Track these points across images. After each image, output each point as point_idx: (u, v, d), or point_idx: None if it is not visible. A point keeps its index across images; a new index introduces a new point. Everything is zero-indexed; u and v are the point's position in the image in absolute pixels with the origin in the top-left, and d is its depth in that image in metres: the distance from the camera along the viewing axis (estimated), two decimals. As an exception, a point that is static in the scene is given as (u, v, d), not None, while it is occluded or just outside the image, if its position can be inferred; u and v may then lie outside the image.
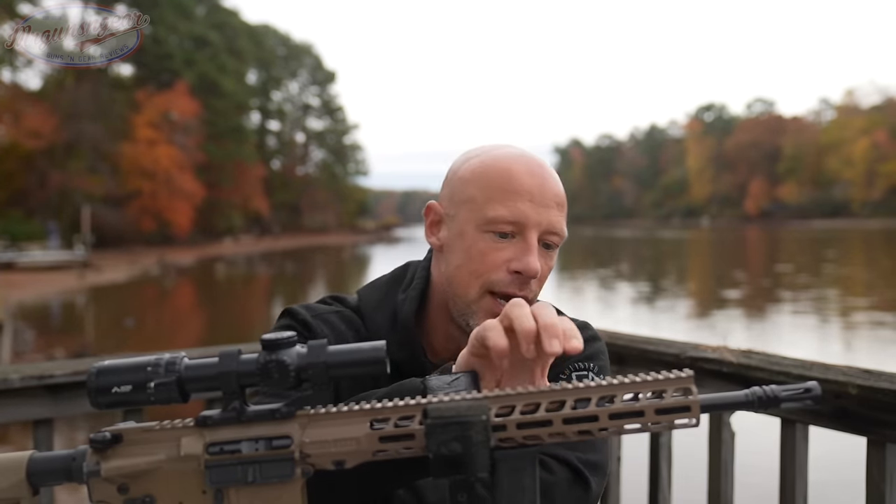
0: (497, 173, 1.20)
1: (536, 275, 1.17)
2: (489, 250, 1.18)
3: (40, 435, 2.05)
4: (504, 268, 1.17)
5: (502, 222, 1.17)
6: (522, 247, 1.17)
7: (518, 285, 1.17)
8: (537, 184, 1.19)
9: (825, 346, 12.73)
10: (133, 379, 0.83)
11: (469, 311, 1.19)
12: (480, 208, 1.19)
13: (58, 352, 13.70)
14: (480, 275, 1.18)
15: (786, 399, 0.83)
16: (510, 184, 1.18)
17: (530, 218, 1.17)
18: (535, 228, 1.18)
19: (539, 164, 1.22)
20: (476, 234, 1.19)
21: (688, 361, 1.93)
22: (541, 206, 1.18)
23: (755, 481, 2.83)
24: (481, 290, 1.18)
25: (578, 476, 1.13)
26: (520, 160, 1.22)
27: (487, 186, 1.19)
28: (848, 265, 34.51)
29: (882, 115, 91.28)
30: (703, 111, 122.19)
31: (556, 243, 1.22)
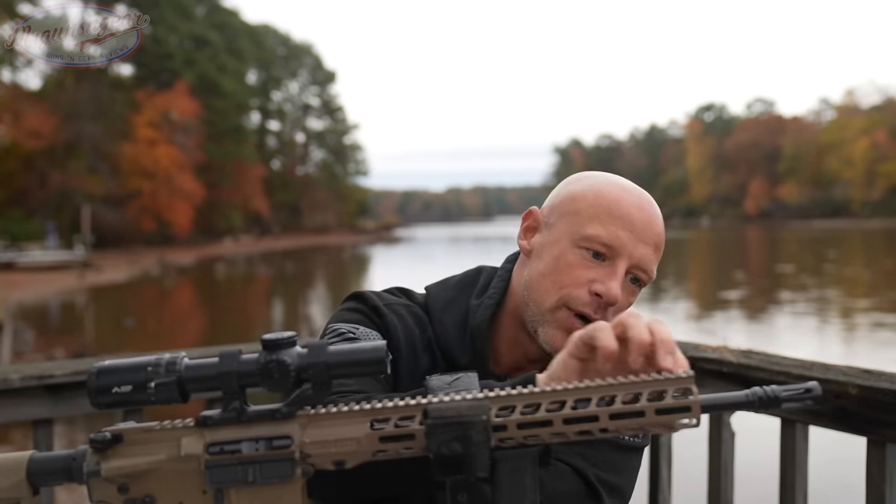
0: (607, 197, 1.21)
1: (616, 302, 1.17)
2: (577, 265, 1.18)
3: (40, 435, 2.05)
4: (586, 287, 1.18)
5: (597, 242, 1.18)
6: (609, 271, 1.18)
7: (595, 308, 1.17)
8: (643, 218, 1.21)
9: (826, 347, 12.73)
10: (133, 379, 0.83)
11: (542, 319, 1.20)
12: (581, 223, 1.20)
13: (58, 352, 13.70)
14: (562, 287, 1.18)
15: (786, 399, 0.83)
16: (617, 209, 1.20)
17: (626, 246, 1.18)
18: (627, 259, 1.19)
19: (650, 202, 1.24)
20: (569, 247, 1.20)
21: (688, 361, 1.93)
22: (639, 239, 1.19)
23: (755, 481, 2.83)
24: (559, 303, 1.18)
25: (592, 492, 1.12)
26: (632, 192, 1.24)
27: (594, 205, 1.21)
28: (848, 265, 34.49)
29: (882, 115, 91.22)
30: (703, 111, 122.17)
31: (644, 280, 1.23)
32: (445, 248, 62.77)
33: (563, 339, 1.16)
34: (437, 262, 38.14)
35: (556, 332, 1.18)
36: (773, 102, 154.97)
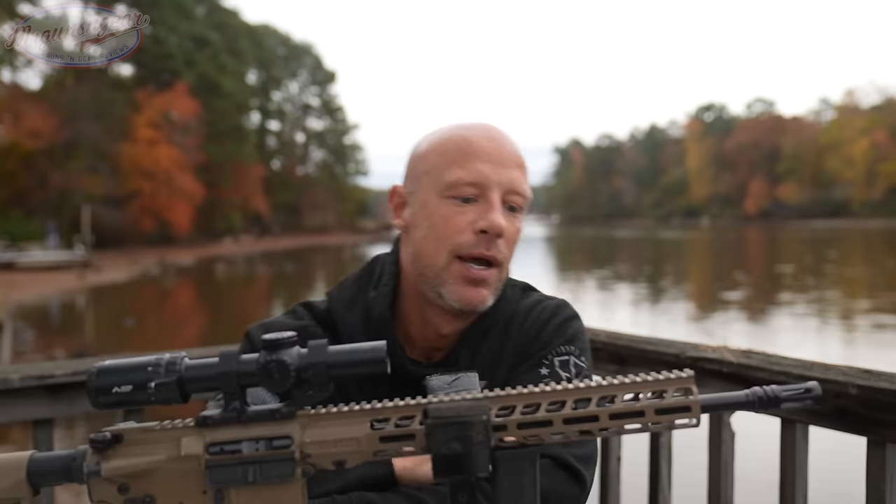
0: (454, 141, 1.21)
1: (502, 232, 1.17)
2: (452, 215, 1.18)
3: (40, 435, 2.05)
4: (469, 230, 1.17)
5: (462, 184, 1.17)
6: (485, 206, 1.17)
7: (486, 245, 1.17)
8: (495, 146, 1.20)
9: (827, 348, 12.71)
10: (133, 379, 0.83)
11: (440, 280, 1.19)
12: (440, 175, 1.19)
13: (58, 352, 13.68)
14: (446, 239, 1.18)
15: (786, 399, 0.83)
16: (468, 147, 1.19)
17: (490, 178, 1.17)
18: (497, 188, 1.18)
19: (497, 130, 1.23)
20: (438, 201, 1.19)
21: (688, 361, 1.93)
22: (500, 166, 1.18)
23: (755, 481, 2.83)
24: (449, 256, 1.18)
25: (575, 474, 1.13)
26: (476, 127, 1.23)
27: (445, 154, 1.20)
28: (848, 265, 34.49)
29: (882, 115, 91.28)
30: (703, 111, 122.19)
31: (521, 204, 1.22)
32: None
33: (466, 290, 1.18)
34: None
35: (459, 286, 1.18)
36: (773, 102, 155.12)
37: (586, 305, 20.68)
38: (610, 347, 2.19)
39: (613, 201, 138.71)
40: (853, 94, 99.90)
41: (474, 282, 1.18)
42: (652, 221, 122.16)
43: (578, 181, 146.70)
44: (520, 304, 1.30)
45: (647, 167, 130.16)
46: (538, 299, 1.32)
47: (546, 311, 1.28)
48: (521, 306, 1.29)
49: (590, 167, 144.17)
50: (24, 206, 45.87)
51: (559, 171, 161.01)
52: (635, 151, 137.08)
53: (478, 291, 1.18)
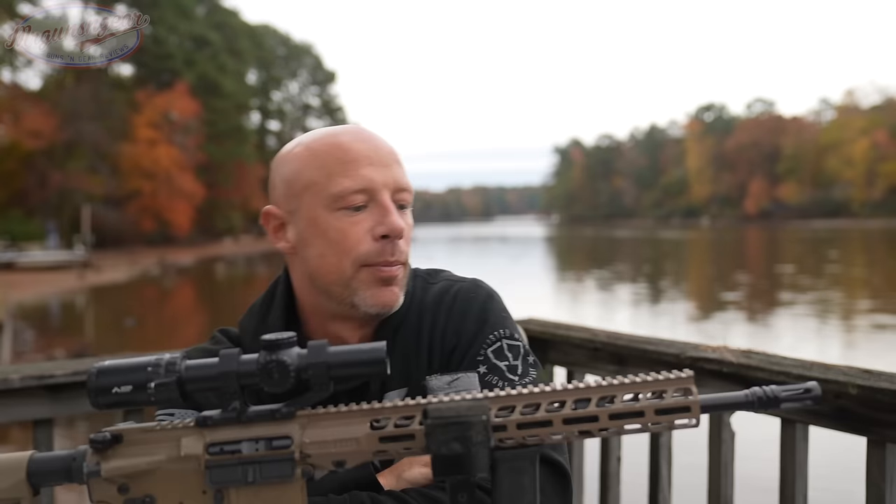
0: (328, 150, 1.17)
1: (401, 232, 1.15)
2: (348, 226, 1.15)
3: (40, 435, 2.05)
4: (368, 237, 1.15)
5: (351, 193, 1.14)
6: (380, 211, 1.15)
7: (390, 250, 1.15)
8: (371, 147, 1.17)
9: (827, 349, 12.68)
10: (133, 379, 0.83)
11: (350, 290, 1.16)
12: (324, 188, 1.15)
13: (58, 352, 13.68)
14: (349, 251, 1.15)
15: (786, 399, 0.83)
16: (345, 154, 1.16)
17: (376, 181, 1.15)
18: (385, 189, 1.16)
19: (364, 129, 1.21)
20: (329, 214, 1.15)
21: (688, 361, 1.93)
22: (382, 166, 1.16)
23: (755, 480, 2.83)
24: (355, 266, 1.15)
25: (558, 469, 1.12)
26: (344, 131, 1.20)
27: (323, 165, 1.16)
28: (849, 266, 34.47)
29: (882, 115, 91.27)
30: (703, 111, 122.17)
31: (408, 200, 1.20)
32: (446, 247, 62.79)
33: (380, 292, 1.16)
34: (437, 262, 38.04)
35: (373, 290, 1.16)
36: (773, 102, 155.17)
37: (586, 306, 20.69)
38: (610, 347, 2.19)
39: (613, 201, 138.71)
40: (853, 94, 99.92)
41: (386, 281, 1.16)
42: (652, 221, 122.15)
43: (578, 181, 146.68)
44: (427, 295, 1.26)
45: (647, 167, 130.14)
46: (446, 285, 1.27)
47: (458, 299, 1.24)
48: (429, 297, 1.26)
49: (590, 167, 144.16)
50: (24, 206, 45.89)
51: (559, 171, 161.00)
52: (635, 151, 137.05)
53: (391, 290, 1.17)
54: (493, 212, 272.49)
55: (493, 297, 1.26)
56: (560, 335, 2.36)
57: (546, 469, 1.10)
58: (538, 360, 1.25)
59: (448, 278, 1.31)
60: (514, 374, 1.19)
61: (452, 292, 1.26)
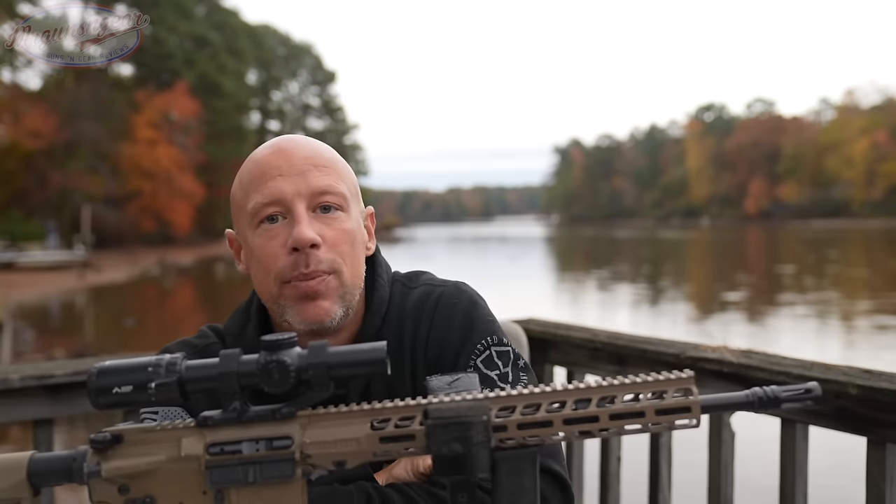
0: (247, 169, 1.18)
1: (309, 243, 1.11)
2: (265, 242, 1.14)
3: (40, 435, 2.05)
4: (283, 252, 1.13)
5: (261, 207, 1.13)
6: (290, 222, 1.13)
7: (303, 262, 1.12)
8: (283, 157, 1.15)
9: (828, 351, 12.64)
10: (134, 379, 0.83)
11: (279, 308, 1.16)
12: (244, 206, 1.16)
13: (58, 352, 13.68)
14: (269, 269, 1.14)
15: (786, 399, 0.83)
16: (257, 169, 1.16)
17: (285, 191, 1.13)
18: (297, 198, 1.13)
19: (286, 140, 1.19)
20: (252, 233, 1.16)
21: (688, 362, 1.93)
22: (293, 174, 1.14)
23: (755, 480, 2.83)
24: (276, 283, 1.14)
25: (564, 487, 1.12)
26: (266, 147, 1.20)
27: (242, 185, 1.18)
28: (850, 266, 34.45)
29: (882, 115, 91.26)
30: (703, 111, 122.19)
31: (335, 202, 1.16)
32: (446, 247, 62.80)
33: (303, 307, 1.13)
34: (437, 262, 38.17)
35: (297, 307, 1.14)
36: (773, 102, 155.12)
37: (586, 306, 20.68)
38: (610, 347, 2.19)
39: (613, 201, 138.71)
40: (853, 94, 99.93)
41: (310, 296, 1.13)
42: (652, 221, 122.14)
43: (578, 181, 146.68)
44: (407, 301, 1.24)
45: (647, 167, 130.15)
46: (427, 290, 1.25)
47: (441, 304, 1.22)
48: (410, 302, 1.24)
49: (590, 167, 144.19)
50: (24, 206, 45.87)
51: (559, 171, 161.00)
52: (635, 151, 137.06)
53: (316, 305, 1.13)
54: (493, 212, 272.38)
55: (476, 303, 1.23)
56: (560, 335, 2.36)
57: (548, 479, 1.10)
58: (528, 364, 1.23)
59: (428, 282, 1.28)
60: (505, 383, 1.17)
61: (434, 298, 1.23)
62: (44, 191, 46.74)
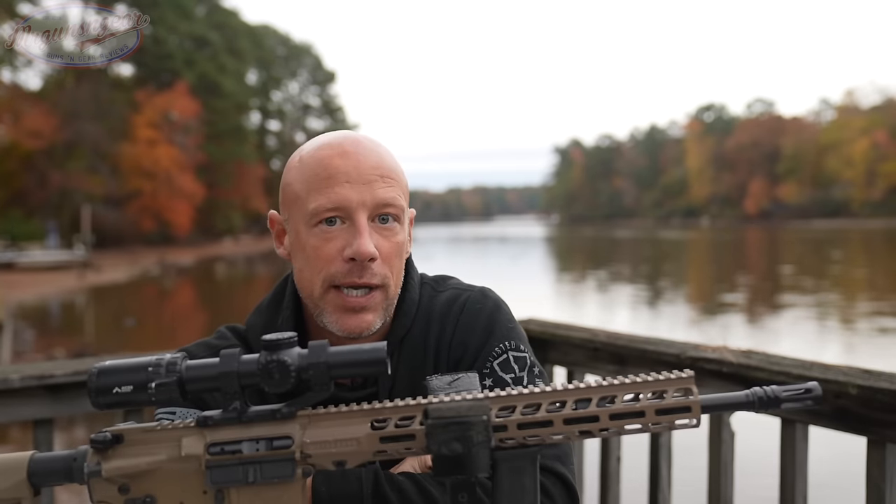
0: (310, 164, 1.17)
1: (369, 257, 1.12)
2: (321, 243, 1.14)
3: (41, 435, 2.05)
4: (339, 258, 1.13)
5: (324, 211, 1.13)
6: (352, 231, 1.13)
7: (358, 272, 1.13)
8: (351, 163, 1.15)
9: (829, 352, 12.60)
10: (134, 379, 0.83)
11: (319, 309, 1.17)
12: (304, 204, 1.16)
13: (58, 352, 13.68)
14: (320, 270, 1.14)
15: (786, 399, 0.83)
16: (324, 171, 1.15)
17: (351, 199, 1.13)
18: (361, 208, 1.13)
19: (353, 142, 1.18)
20: (307, 231, 1.16)
21: (688, 362, 1.93)
22: (360, 183, 1.14)
23: (755, 481, 2.83)
24: (324, 286, 1.15)
25: (570, 491, 1.12)
26: (331, 145, 1.18)
27: (305, 180, 1.16)
28: (850, 266, 34.40)
29: (882, 115, 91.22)
30: (703, 111, 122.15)
31: (395, 214, 1.17)
32: (445, 247, 62.78)
33: (346, 318, 1.14)
34: (437, 262, 38.14)
35: (337, 315, 1.15)
36: (773, 102, 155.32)
37: (586, 306, 20.66)
38: (610, 347, 2.19)
39: (613, 201, 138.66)
40: (853, 94, 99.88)
41: (354, 309, 1.14)
42: (652, 221, 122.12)
43: (578, 181, 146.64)
44: (434, 304, 1.26)
45: (647, 167, 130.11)
46: (454, 294, 1.27)
47: (466, 310, 1.24)
48: (437, 305, 1.26)
49: (590, 167, 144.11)
50: (24, 206, 45.85)
51: (559, 171, 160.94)
52: (635, 151, 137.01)
53: (359, 318, 1.15)
54: (493, 212, 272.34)
55: (500, 308, 1.25)
56: (560, 335, 2.36)
57: (554, 480, 1.10)
58: (544, 371, 1.24)
59: (456, 286, 1.29)
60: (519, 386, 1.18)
61: (460, 302, 1.25)
62: (44, 191, 46.73)
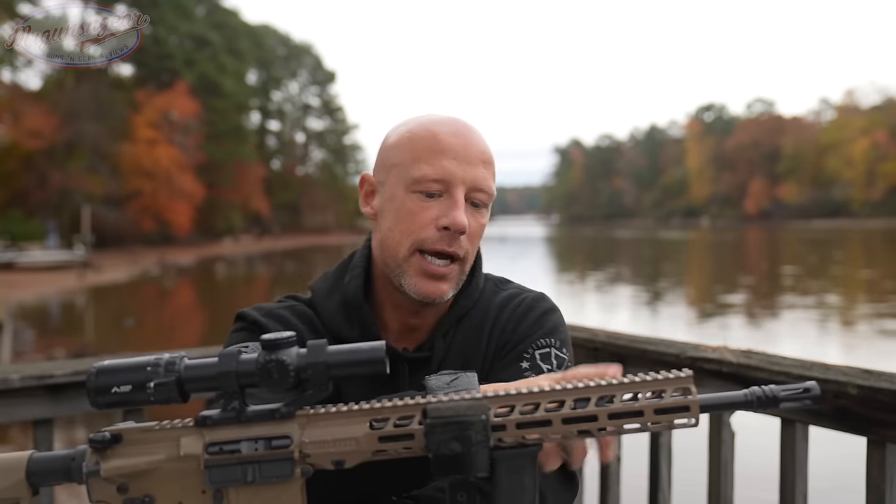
0: (422, 136, 1.23)
1: (464, 230, 1.19)
2: (418, 209, 1.20)
3: (40, 435, 2.05)
4: (432, 225, 1.19)
5: (428, 181, 1.19)
6: (449, 203, 1.19)
7: (447, 241, 1.20)
8: (461, 143, 1.21)
9: (829, 355, 12.56)
10: (133, 379, 0.83)
11: (401, 270, 1.22)
12: (407, 169, 1.21)
13: (58, 352, 13.67)
14: (411, 233, 1.20)
15: (785, 399, 0.83)
16: (435, 144, 1.21)
17: (455, 175, 1.19)
18: (461, 185, 1.20)
19: (465, 125, 1.25)
20: (405, 195, 1.21)
21: (688, 361, 1.93)
22: (466, 163, 1.20)
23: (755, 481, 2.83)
24: (411, 249, 1.20)
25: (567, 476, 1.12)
26: (445, 122, 1.25)
27: (413, 149, 1.22)
28: (853, 267, 34.35)
29: (882, 115, 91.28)
30: (703, 111, 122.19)
31: (484, 201, 1.24)
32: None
33: (425, 283, 1.20)
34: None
35: (417, 279, 1.20)
36: (773, 102, 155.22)
37: (586, 307, 20.66)
38: (610, 347, 2.19)
39: (613, 201, 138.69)
40: (853, 94, 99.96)
41: (434, 276, 1.21)
42: (652, 221, 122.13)
43: (578, 181, 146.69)
44: (495, 297, 1.32)
45: (647, 167, 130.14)
46: (514, 293, 1.34)
47: (523, 304, 1.30)
48: (497, 299, 1.32)
49: (590, 167, 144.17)
50: (24, 206, 45.84)
51: (559, 171, 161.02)
52: (635, 151, 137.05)
53: (436, 285, 1.21)
54: (493, 212, 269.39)
55: (555, 311, 1.31)
56: (560, 335, 2.35)
57: (559, 476, 1.10)
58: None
59: (518, 287, 1.36)
60: None
61: (520, 299, 1.31)
62: (44, 191, 46.72)
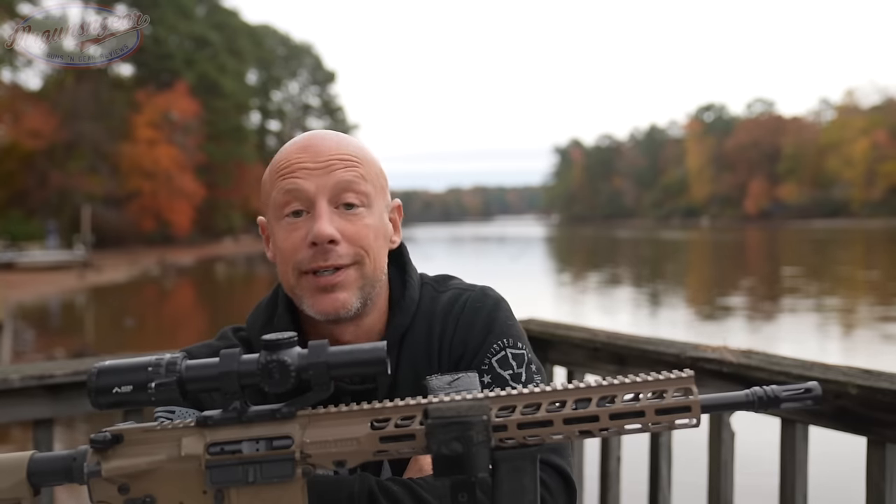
0: (275, 163, 1.21)
1: (327, 239, 1.13)
2: (287, 234, 1.17)
3: (40, 435, 2.05)
4: (303, 245, 1.16)
5: (284, 203, 1.17)
6: (312, 217, 1.16)
7: (322, 256, 1.14)
8: (310, 153, 1.18)
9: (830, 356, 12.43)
10: (134, 379, 0.83)
11: (298, 298, 1.19)
12: (270, 198, 1.20)
13: (58, 352, 13.68)
14: (289, 260, 1.17)
15: (786, 399, 0.83)
16: (285, 164, 1.18)
17: (307, 188, 1.15)
18: (321, 194, 1.15)
19: (316, 135, 1.21)
20: (277, 224, 1.19)
21: (688, 361, 1.93)
22: (318, 170, 1.16)
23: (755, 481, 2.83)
24: (295, 273, 1.17)
25: (568, 483, 1.13)
26: (295, 140, 1.23)
27: (271, 179, 1.20)
28: (853, 267, 34.31)
29: (882, 115, 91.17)
30: (703, 111, 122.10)
31: (357, 200, 1.18)
32: (445, 247, 62.78)
33: (320, 300, 1.16)
34: (437, 262, 38.13)
35: (312, 299, 1.17)
36: (773, 102, 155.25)
37: (586, 307, 20.65)
38: (610, 347, 2.19)
39: (613, 201, 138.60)
40: (853, 94, 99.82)
41: (325, 289, 1.16)
42: (652, 221, 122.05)
43: (578, 181, 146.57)
44: (436, 304, 1.27)
45: (647, 167, 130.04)
46: (455, 294, 1.28)
47: (467, 307, 1.25)
48: (439, 305, 1.27)
49: (590, 167, 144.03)
50: (24, 206, 45.85)
51: (559, 171, 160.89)
52: (635, 151, 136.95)
53: (332, 297, 1.16)
54: (493, 212, 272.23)
55: (499, 306, 1.26)
56: (560, 335, 2.36)
57: (551, 473, 1.11)
58: (542, 368, 1.25)
59: (457, 286, 1.31)
60: (517, 383, 1.19)
61: (461, 301, 1.26)
62: (44, 191, 46.72)
